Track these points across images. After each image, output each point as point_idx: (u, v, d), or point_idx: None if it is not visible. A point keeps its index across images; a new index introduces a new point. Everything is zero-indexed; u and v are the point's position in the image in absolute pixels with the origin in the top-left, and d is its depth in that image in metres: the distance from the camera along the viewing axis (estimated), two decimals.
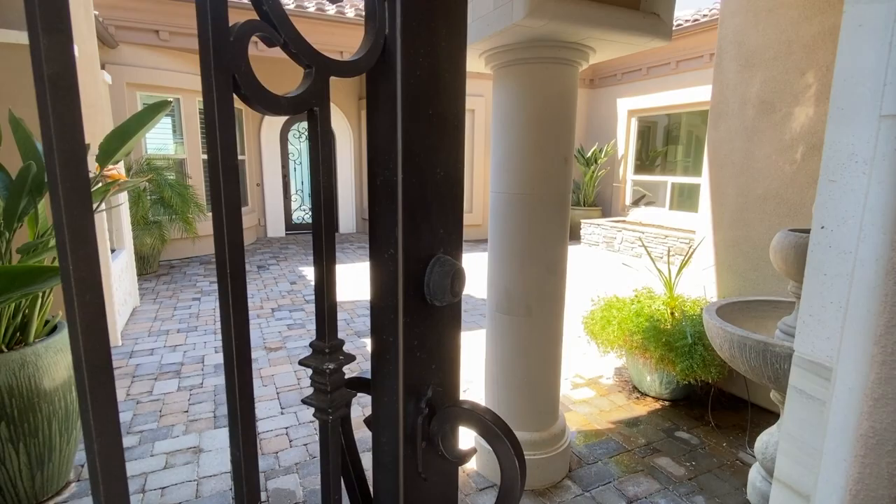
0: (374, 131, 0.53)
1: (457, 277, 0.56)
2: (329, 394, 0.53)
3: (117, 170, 2.23)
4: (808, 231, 1.95)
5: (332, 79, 0.50)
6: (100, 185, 2.15)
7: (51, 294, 2.25)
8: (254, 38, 0.43)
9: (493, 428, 0.54)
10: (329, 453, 0.55)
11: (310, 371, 0.55)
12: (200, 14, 0.40)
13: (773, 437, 2.07)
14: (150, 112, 2.01)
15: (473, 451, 0.61)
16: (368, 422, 0.61)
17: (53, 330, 2.28)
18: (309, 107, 0.48)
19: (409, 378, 0.56)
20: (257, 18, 0.44)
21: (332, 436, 0.55)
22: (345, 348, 0.53)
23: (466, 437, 2.37)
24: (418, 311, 0.56)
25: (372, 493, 0.63)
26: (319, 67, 0.47)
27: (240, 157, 8.38)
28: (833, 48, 2.59)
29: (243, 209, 8.46)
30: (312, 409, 0.57)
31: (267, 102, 0.44)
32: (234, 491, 0.49)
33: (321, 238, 0.50)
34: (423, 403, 0.57)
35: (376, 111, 0.52)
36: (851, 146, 1.04)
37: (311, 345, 0.54)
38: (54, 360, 2.10)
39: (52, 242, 2.15)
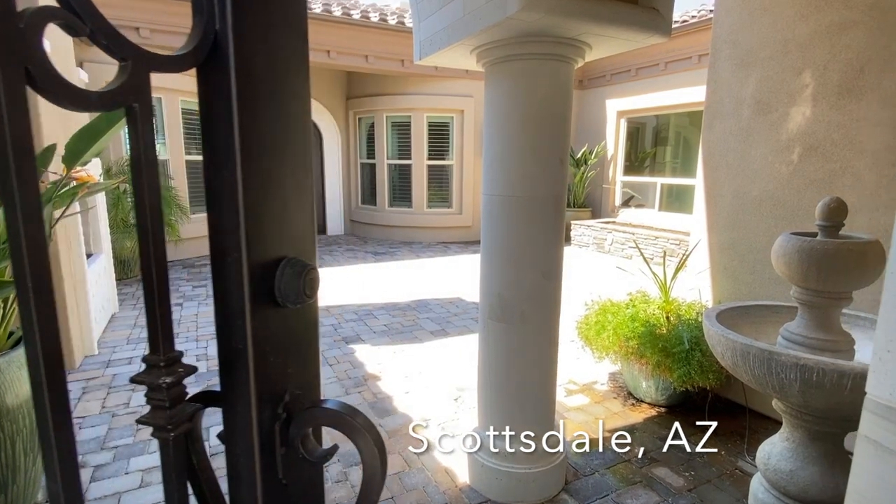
0: (209, 130, 0.51)
1: (309, 278, 0.56)
2: (168, 410, 0.50)
3: (86, 171, 2.10)
4: (811, 234, 1.89)
5: (321, 78, 0.41)
6: (66, 188, 2.02)
7: (14, 303, 2.11)
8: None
9: (352, 423, 0.55)
10: (174, 474, 0.52)
11: None
12: None
13: (776, 447, 2.01)
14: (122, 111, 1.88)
15: (335, 448, 0.61)
16: (222, 436, 0.58)
17: (18, 343, 2.14)
18: (127, 103, 0.44)
19: (263, 385, 0.55)
20: (57, 5, 0.40)
21: (176, 454, 0.52)
22: (333, 354, 0.46)
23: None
24: (269, 315, 0.55)
25: None
26: (137, 61, 0.44)
27: None
28: (829, 47, 2.55)
29: None
30: None
31: (72, 98, 0.40)
32: None
33: (148, 243, 0.47)
34: (280, 409, 0.57)
35: (210, 109, 0.50)
36: None
37: (143, 359, 0.50)
38: (18, 376, 1.96)
39: None
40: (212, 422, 2.51)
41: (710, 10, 7.40)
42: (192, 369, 0.52)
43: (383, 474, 0.57)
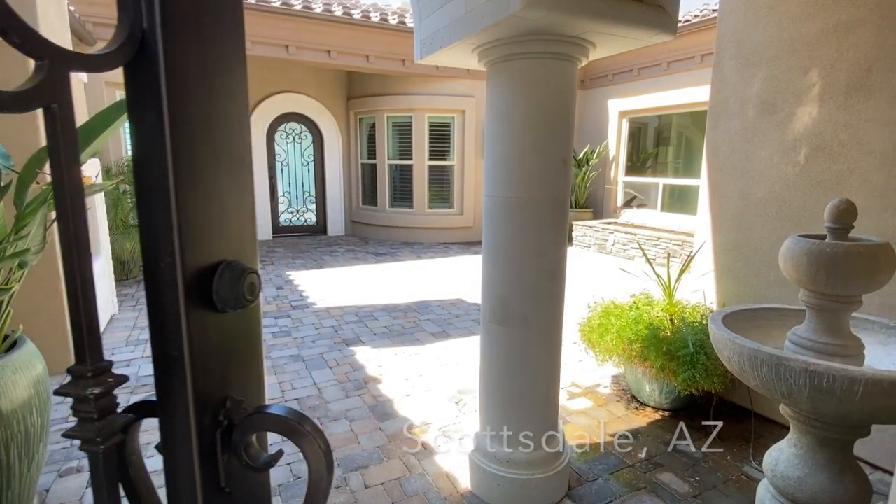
0: (139, 132, 0.49)
1: (249, 282, 0.55)
2: (97, 421, 0.48)
3: (82, 172, 2.07)
4: (820, 237, 1.85)
5: (321, 78, 0.38)
6: None
7: (9, 306, 2.08)
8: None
9: (298, 428, 0.54)
10: (105, 490, 0.51)
11: (297, 381, 0.46)
12: None
13: (783, 454, 1.97)
14: (117, 110, 1.85)
15: (280, 453, 0.60)
16: (159, 447, 0.57)
17: (13, 346, 2.11)
18: (44, 104, 0.43)
19: (202, 393, 0.53)
20: None
21: (107, 468, 0.51)
22: (333, 357, 0.44)
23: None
24: (208, 321, 0.53)
25: None
26: (55, 59, 0.43)
27: None
28: (837, 46, 2.51)
29: None
30: None
31: None
32: None
33: (72, 246, 0.46)
34: (221, 416, 0.56)
35: (139, 109, 0.49)
36: None
37: (69, 370, 0.48)
38: (13, 380, 1.93)
39: (9, 251, 1.98)
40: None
41: (713, 10, 7.36)
42: (122, 379, 0.51)
43: (329, 480, 0.56)
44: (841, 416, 1.70)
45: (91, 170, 3.82)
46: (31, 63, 0.42)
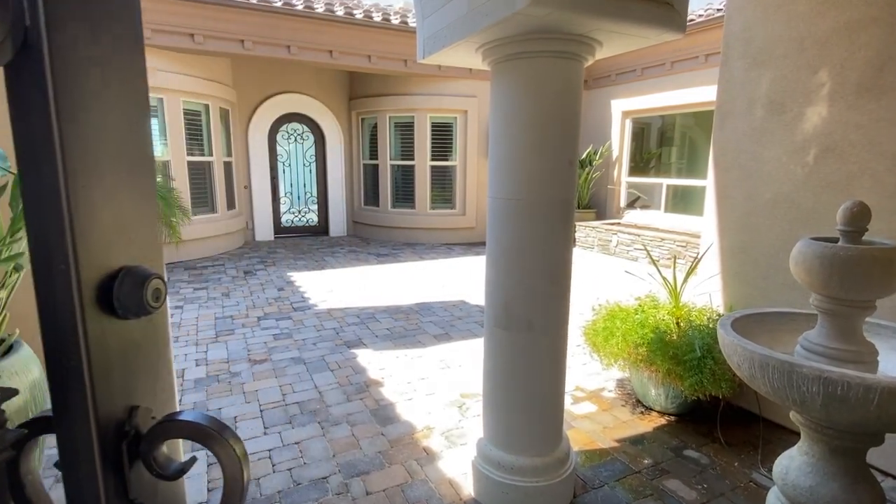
0: (23, 134, 0.47)
1: (153, 287, 0.53)
2: None
3: None
4: (832, 240, 1.80)
5: (323, 79, 0.34)
6: None
7: (5, 309, 2.05)
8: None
9: (209, 432, 0.53)
10: None
11: (298, 384, 0.42)
12: None
13: (794, 461, 1.92)
14: None
15: (192, 460, 0.59)
16: (58, 464, 0.55)
17: (10, 349, 2.08)
18: None
19: (104, 404, 0.52)
20: None
21: None
22: (334, 359, 0.40)
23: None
24: (109, 329, 0.52)
25: None
26: None
27: (227, 159, 8.17)
28: (847, 44, 2.46)
29: (230, 212, 8.23)
30: (299, 429, 0.61)
31: None
32: None
33: None
34: (127, 426, 0.54)
35: (22, 111, 0.46)
36: None
37: None
38: (10, 384, 1.89)
39: (5, 254, 1.95)
40: None
41: (717, 10, 7.30)
42: (11, 392, 0.49)
43: (245, 487, 0.55)
44: (855, 425, 1.66)
45: None
46: None
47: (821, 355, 1.81)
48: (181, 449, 0.64)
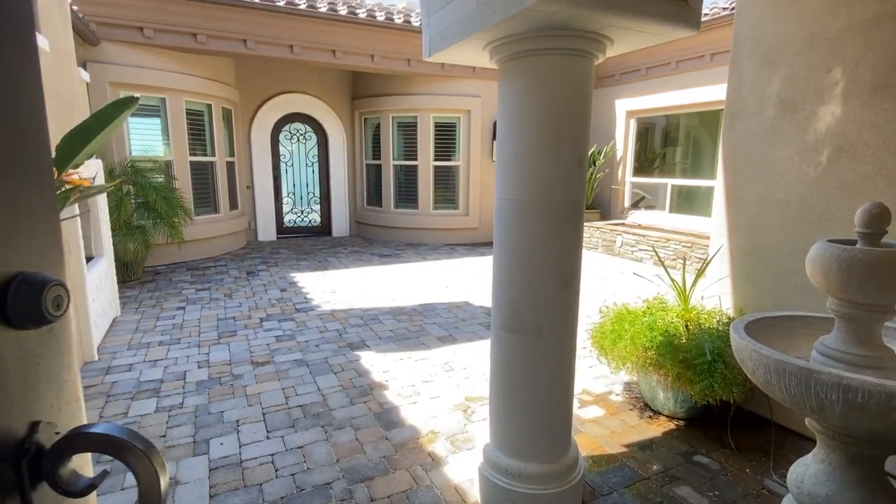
0: None
1: (53, 294, 0.50)
2: None
3: (78, 175, 1.99)
4: (850, 242, 1.75)
5: (326, 78, 0.30)
6: (58, 192, 1.92)
7: None
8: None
9: (121, 443, 0.50)
10: None
11: (301, 387, 0.39)
12: None
13: (810, 469, 1.87)
14: (114, 109, 1.78)
15: (103, 474, 0.56)
16: None
17: None
18: None
19: (0, 420, 0.48)
20: None
21: None
22: (337, 361, 0.36)
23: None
24: (3, 341, 0.48)
25: None
26: None
27: (229, 159, 8.14)
28: (862, 42, 2.41)
29: (233, 212, 8.20)
30: (302, 433, 0.50)
31: None
32: None
33: None
34: (27, 444, 0.51)
35: None
36: None
37: None
38: None
39: None
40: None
41: (723, 8, 7.25)
42: None
43: (163, 500, 0.52)
44: (875, 433, 1.61)
45: (89, 171, 3.76)
46: None
47: (838, 361, 1.76)
48: (91, 463, 0.61)
